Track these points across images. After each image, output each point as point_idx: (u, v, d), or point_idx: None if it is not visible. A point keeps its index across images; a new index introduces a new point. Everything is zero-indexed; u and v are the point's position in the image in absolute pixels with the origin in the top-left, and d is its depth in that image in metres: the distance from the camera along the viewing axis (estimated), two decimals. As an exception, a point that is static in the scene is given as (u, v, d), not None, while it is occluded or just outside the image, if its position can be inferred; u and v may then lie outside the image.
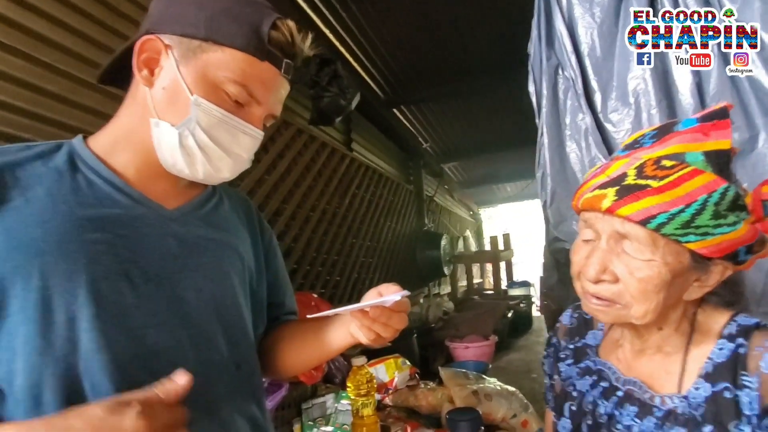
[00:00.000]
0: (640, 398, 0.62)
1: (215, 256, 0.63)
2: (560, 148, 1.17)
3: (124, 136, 0.58)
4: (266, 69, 0.58)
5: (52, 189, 0.52)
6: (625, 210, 0.55)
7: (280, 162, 2.33)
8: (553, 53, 1.22)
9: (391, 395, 1.44)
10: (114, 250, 0.53)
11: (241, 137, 0.59)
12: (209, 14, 0.55)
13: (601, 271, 0.58)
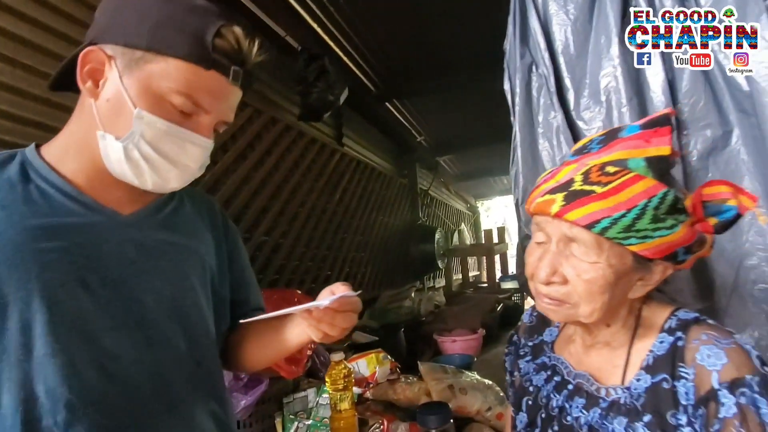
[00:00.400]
0: (587, 390, 0.66)
1: (174, 259, 0.65)
2: (533, 146, 1.18)
3: (74, 145, 0.59)
4: (212, 78, 0.57)
5: (4, 200, 0.53)
6: (572, 215, 0.58)
7: (267, 159, 2.34)
8: (528, 51, 1.21)
9: (372, 389, 1.46)
10: (69, 257, 0.54)
11: (189, 147, 0.59)
12: (152, 23, 0.55)
13: (551, 274, 0.61)
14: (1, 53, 1.15)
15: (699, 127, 1.08)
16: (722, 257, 1.06)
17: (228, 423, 0.70)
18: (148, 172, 0.58)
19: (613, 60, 1.09)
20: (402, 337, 2.14)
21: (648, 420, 0.58)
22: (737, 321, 1.04)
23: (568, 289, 0.61)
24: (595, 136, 0.66)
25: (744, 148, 1.04)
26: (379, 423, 1.27)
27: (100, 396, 0.53)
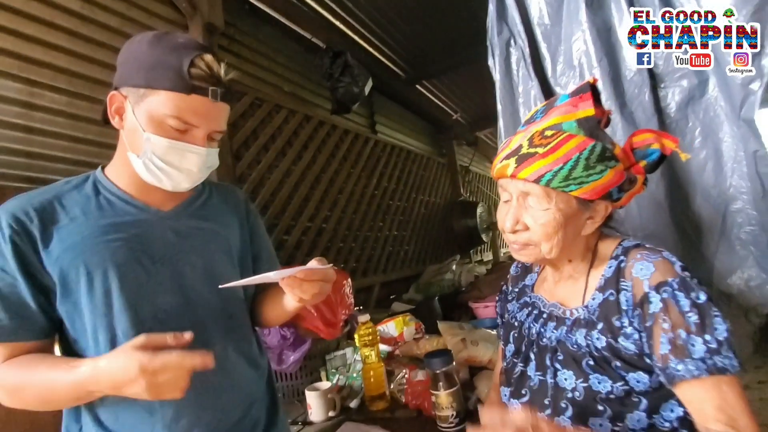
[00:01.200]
0: (557, 315, 0.79)
1: (204, 240, 0.86)
2: (514, 116, 1.27)
3: (121, 165, 0.80)
4: (194, 100, 0.72)
5: (85, 209, 0.76)
6: (523, 173, 0.71)
7: (305, 153, 2.59)
8: (505, 26, 1.30)
9: (400, 347, 1.67)
10: (129, 244, 0.76)
11: (189, 156, 0.75)
12: (146, 67, 0.72)
13: (515, 223, 0.75)
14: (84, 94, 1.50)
15: (674, 79, 1.11)
16: (708, 203, 1.09)
17: (254, 358, 0.91)
18: (164, 178, 0.76)
19: (582, 25, 1.15)
20: (436, 305, 2.30)
21: (600, 327, 0.70)
22: (727, 264, 1.08)
23: (530, 234, 0.74)
24: (540, 107, 0.78)
25: (721, 94, 1.05)
26: (404, 372, 1.47)
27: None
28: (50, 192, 0.76)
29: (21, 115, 1.37)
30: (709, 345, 0.60)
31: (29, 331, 0.71)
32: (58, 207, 0.75)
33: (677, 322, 0.63)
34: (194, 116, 0.73)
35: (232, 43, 2.25)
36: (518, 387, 0.81)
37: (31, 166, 1.37)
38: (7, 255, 0.69)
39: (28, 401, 0.70)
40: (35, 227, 0.71)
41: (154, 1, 1.81)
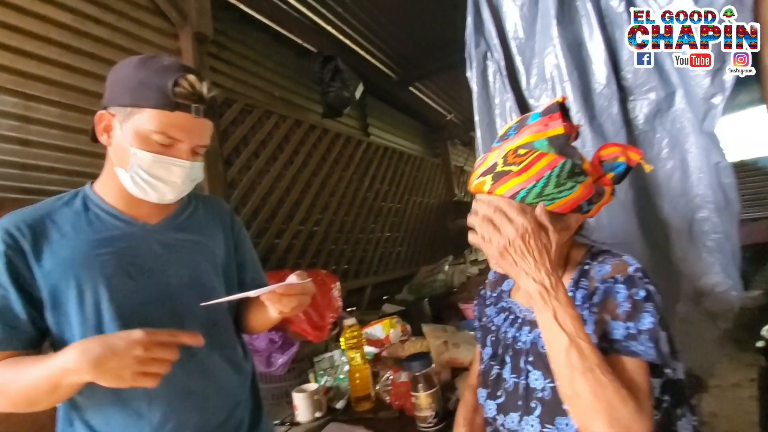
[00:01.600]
0: (530, 319, 0.82)
1: (189, 252, 0.90)
2: (491, 127, 1.31)
3: (109, 180, 0.84)
4: (178, 116, 0.77)
5: (75, 225, 0.80)
6: (499, 191, 0.75)
7: (296, 157, 2.63)
8: (482, 39, 1.34)
9: (387, 349, 1.72)
10: (117, 258, 0.80)
11: (173, 169, 0.79)
12: (132, 87, 0.77)
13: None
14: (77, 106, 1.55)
15: (643, 92, 1.15)
16: (675, 211, 1.13)
17: (238, 362, 0.95)
18: (150, 190, 0.80)
19: (553, 40, 1.19)
20: (426, 307, 2.35)
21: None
22: (694, 271, 1.12)
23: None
24: (512, 123, 0.82)
25: (689, 106, 1.09)
26: (389, 374, 1.52)
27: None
28: (42, 209, 0.80)
29: (17, 128, 1.41)
30: (629, 331, 0.66)
31: (18, 341, 0.74)
32: (50, 223, 0.79)
33: (609, 309, 0.69)
34: (178, 131, 0.78)
35: (222, 51, 2.29)
36: (494, 389, 0.84)
37: (27, 177, 1.42)
38: (1, 269, 0.73)
39: (12, 398, 0.71)
40: (27, 243, 0.75)
41: (145, 11, 1.84)
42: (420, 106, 4.18)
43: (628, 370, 0.65)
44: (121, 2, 1.75)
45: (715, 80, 1.05)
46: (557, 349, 0.65)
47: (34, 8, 1.48)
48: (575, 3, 1.23)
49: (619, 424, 0.60)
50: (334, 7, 2.73)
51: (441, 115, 4.60)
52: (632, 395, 0.62)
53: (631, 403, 0.61)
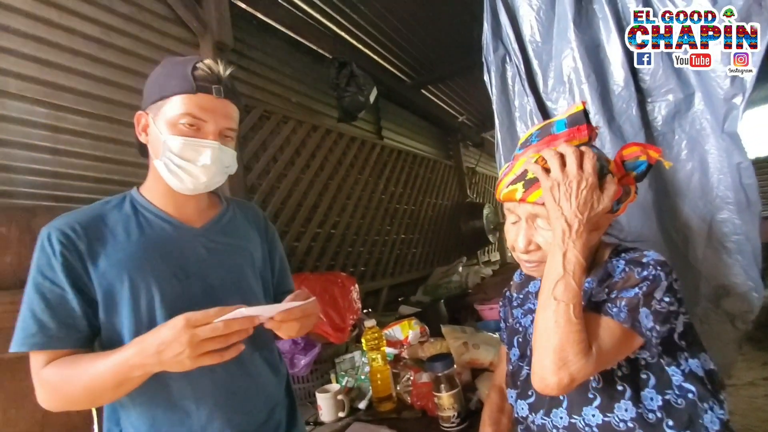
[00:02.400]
0: None
1: (231, 255, 0.93)
2: (511, 129, 1.32)
3: (154, 183, 0.89)
4: (200, 98, 0.81)
5: (126, 227, 0.84)
6: (531, 197, 0.76)
7: (313, 161, 2.67)
8: (500, 44, 1.35)
9: (406, 350, 1.74)
10: (166, 259, 0.84)
11: (202, 150, 0.82)
12: (159, 82, 0.83)
13: (528, 244, 0.80)
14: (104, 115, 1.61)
15: (661, 94, 1.15)
16: (694, 212, 1.13)
17: (276, 364, 0.99)
18: (183, 175, 0.82)
19: (571, 42, 1.20)
20: (442, 308, 2.36)
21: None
22: (713, 272, 1.12)
23: (543, 253, 0.79)
24: (534, 130, 0.83)
25: (707, 108, 1.09)
26: (410, 375, 1.54)
27: None
28: (93, 211, 0.84)
29: (48, 137, 1.47)
30: (610, 296, 0.71)
31: (74, 339, 0.76)
32: (102, 226, 0.82)
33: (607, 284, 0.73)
34: (202, 112, 0.81)
35: (241, 59, 2.34)
36: (525, 389, 0.85)
37: (58, 185, 1.48)
38: (57, 268, 0.75)
39: (73, 394, 0.73)
40: (82, 243, 0.78)
41: (167, 22, 1.90)
42: (433, 108, 4.20)
43: (598, 326, 0.69)
44: (144, 13, 1.81)
45: (735, 81, 1.05)
46: (549, 279, 0.70)
47: (63, 21, 1.55)
48: (593, 6, 1.24)
49: (563, 362, 0.66)
50: (349, 14, 2.77)
51: (453, 117, 4.61)
52: (588, 344, 0.66)
53: (583, 348, 0.66)
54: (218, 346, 0.70)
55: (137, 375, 0.71)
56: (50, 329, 0.74)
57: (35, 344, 0.73)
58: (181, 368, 0.70)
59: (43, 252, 0.77)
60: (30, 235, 1.29)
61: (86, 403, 0.76)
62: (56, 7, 1.53)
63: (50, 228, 0.78)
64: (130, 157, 1.68)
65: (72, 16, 1.57)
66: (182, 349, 0.67)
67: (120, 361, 0.70)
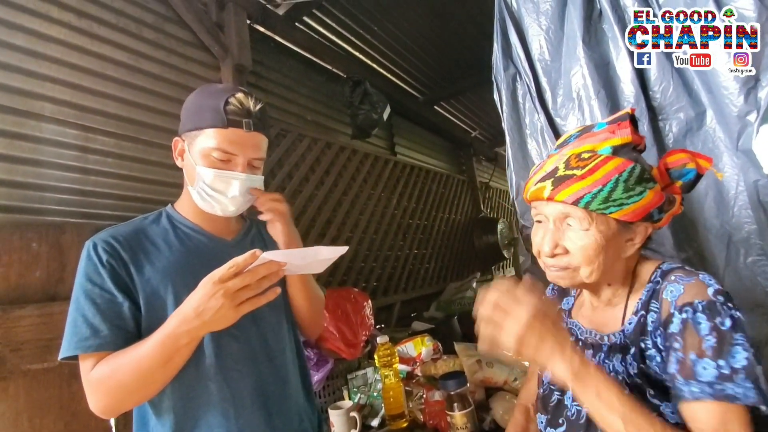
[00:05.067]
0: (593, 342, 0.77)
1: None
2: (522, 146, 1.34)
3: (188, 200, 0.94)
4: (231, 132, 0.85)
5: (166, 239, 0.90)
6: (560, 196, 0.69)
7: (327, 178, 2.72)
8: (511, 63, 1.38)
9: (419, 367, 1.73)
10: (205, 268, 0.85)
11: (231, 182, 0.87)
12: (194, 113, 0.88)
13: (554, 247, 0.73)
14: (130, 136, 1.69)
15: (672, 111, 1.15)
16: (710, 233, 1.11)
17: (305, 369, 1.03)
18: (213, 203, 0.88)
19: (580, 60, 1.21)
20: (456, 325, 2.34)
21: (633, 351, 0.69)
22: (735, 295, 1.07)
23: (570, 258, 0.71)
24: (574, 132, 0.78)
25: (719, 126, 1.09)
26: (422, 392, 1.53)
27: (230, 349, 0.88)
28: (133, 225, 0.90)
29: (77, 158, 1.55)
30: (722, 370, 0.58)
31: (124, 340, 0.79)
32: (143, 238, 0.88)
33: (691, 344, 0.60)
34: (232, 146, 0.85)
35: (259, 80, 2.43)
36: (555, 415, 0.79)
37: (86, 203, 1.55)
38: (105, 275, 0.80)
39: (124, 382, 0.75)
40: (126, 253, 0.83)
41: (191, 47, 2.00)
42: (445, 124, 4.24)
43: (723, 419, 0.57)
44: (170, 39, 1.91)
45: (749, 98, 1.04)
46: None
47: (94, 48, 1.64)
48: (602, 26, 1.26)
49: None
50: (362, 35, 2.85)
51: (466, 132, 4.64)
52: None
53: None
54: (253, 293, 0.74)
55: (184, 343, 0.75)
56: (102, 332, 0.77)
57: (89, 347, 0.76)
58: (226, 322, 0.74)
59: (90, 261, 0.81)
60: (59, 251, 1.35)
61: (138, 389, 0.77)
62: (89, 35, 1.63)
63: (95, 239, 0.84)
64: (152, 175, 1.75)
65: (103, 43, 1.67)
66: (220, 303, 0.71)
67: (164, 334, 0.74)
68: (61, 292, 1.33)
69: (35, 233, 1.32)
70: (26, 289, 1.27)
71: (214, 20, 2.05)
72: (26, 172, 1.42)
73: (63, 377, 1.28)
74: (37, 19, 1.50)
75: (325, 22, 2.66)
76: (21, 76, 1.44)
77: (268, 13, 2.29)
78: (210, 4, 2.07)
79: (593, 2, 1.26)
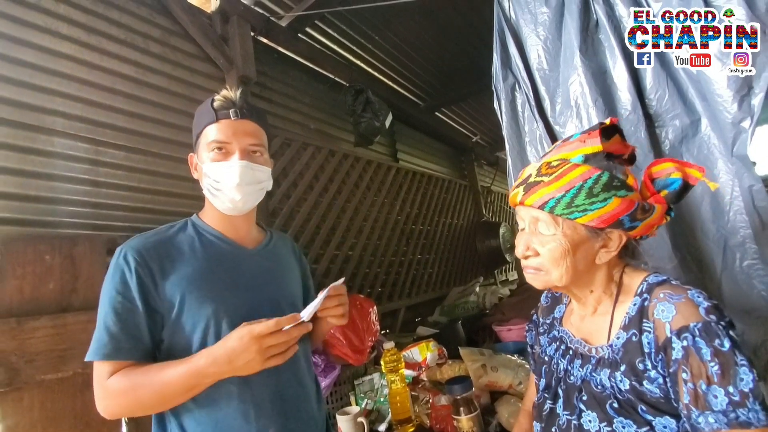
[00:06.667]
0: (582, 353, 0.79)
1: (282, 274, 1.04)
2: (522, 154, 1.37)
3: (209, 208, 1.00)
4: (222, 123, 0.92)
5: (192, 247, 0.94)
6: (529, 200, 0.74)
7: (331, 185, 2.76)
8: (510, 73, 1.41)
9: (425, 371, 1.75)
10: (229, 275, 0.94)
11: (230, 170, 0.91)
12: (195, 124, 0.97)
13: (526, 249, 0.77)
14: (139, 148, 1.73)
15: (668, 119, 1.18)
16: (707, 237, 1.13)
17: (315, 375, 1.07)
18: (222, 196, 0.93)
19: (577, 69, 1.25)
20: (460, 329, 2.36)
21: (624, 369, 0.69)
22: (731, 298, 1.10)
23: (540, 260, 0.75)
24: (558, 143, 0.81)
25: (714, 132, 1.11)
26: (428, 397, 1.55)
27: None
28: (160, 234, 0.94)
29: (88, 171, 1.59)
30: (732, 397, 0.58)
31: (139, 351, 0.83)
32: (170, 246, 0.92)
33: (698, 372, 0.60)
34: (225, 135, 0.92)
35: (263, 90, 2.47)
36: (548, 424, 0.81)
37: (97, 215, 1.58)
38: (131, 284, 0.84)
39: (143, 400, 0.80)
40: (154, 262, 0.87)
41: (196, 59, 2.04)
42: (446, 129, 4.28)
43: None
44: (176, 53, 1.95)
45: (743, 105, 1.07)
46: None
47: (103, 63, 1.69)
48: (598, 36, 1.29)
49: None
50: (364, 44, 2.90)
51: (467, 137, 4.68)
52: None
53: None
54: (281, 350, 0.80)
55: (208, 382, 0.81)
56: (119, 340, 0.81)
57: (105, 354, 0.81)
58: (251, 371, 0.79)
59: (118, 269, 0.85)
60: (71, 263, 1.39)
61: (153, 408, 0.83)
62: (98, 51, 1.68)
63: (126, 247, 0.88)
64: (161, 186, 1.79)
65: (111, 58, 1.71)
66: (252, 357, 0.77)
67: (192, 369, 0.79)
68: (74, 303, 1.36)
69: (48, 246, 1.35)
70: (40, 301, 1.30)
71: (219, 33, 2.10)
72: (39, 185, 1.46)
73: (76, 387, 1.31)
74: (47, 35, 1.54)
75: (327, 32, 2.71)
76: (32, 91, 1.48)
77: (271, 25, 2.34)
78: (215, 18, 2.12)
79: (590, 13, 1.29)
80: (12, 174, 1.40)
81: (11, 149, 1.41)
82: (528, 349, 1.02)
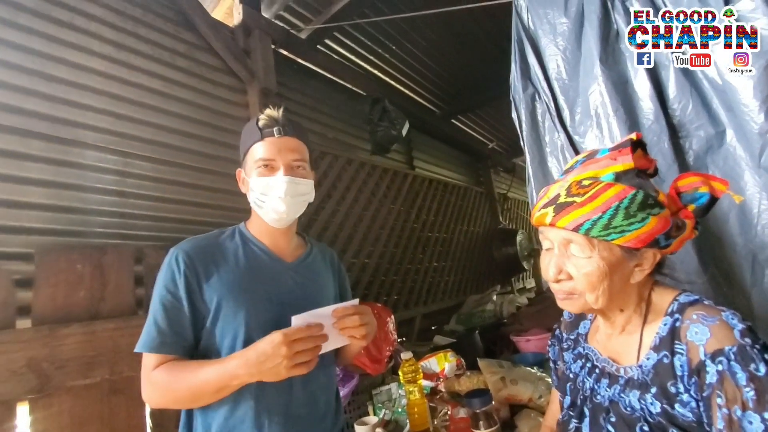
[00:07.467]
0: (610, 372, 0.76)
1: (314, 289, 1.07)
2: (542, 164, 1.36)
3: (255, 219, 1.05)
4: (267, 141, 0.98)
5: (236, 255, 0.99)
6: (561, 222, 0.70)
7: (348, 194, 2.78)
8: (529, 83, 1.41)
9: (443, 382, 1.74)
10: (264, 286, 0.98)
11: (275, 184, 0.97)
12: (242, 142, 1.03)
13: (558, 273, 0.73)
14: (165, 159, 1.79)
15: (692, 129, 1.16)
16: (734, 252, 1.10)
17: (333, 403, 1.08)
18: (268, 209, 0.98)
19: (597, 78, 1.24)
20: (477, 339, 2.34)
21: (654, 391, 0.67)
22: (762, 315, 1.05)
23: (574, 284, 0.72)
24: (579, 157, 0.78)
25: (740, 144, 1.09)
26: (446, 409, 1.55)
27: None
28: (211, 239, 1.00)
29: (117, 182, 1.65)
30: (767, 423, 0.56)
31: (181, 346, 0.90)
32: (218, 251, 0.98)
33: (733, 397, 0.59)
34: (269, 153, 0.98)
35: (283, 101, 2.52)
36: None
37: (124, 225, 1.64)
38: (180, 284, 0.90)
39: (178, 395, 0.86)
40: (201, 264, 0.93)
41: (220, 72, 2.10)
42: (463, 136, 4.27)
43: None
44: (201, 66, 2.01)
45: (770, 116, 1.04)
46: None
47: (132, 78, 1.75)
48: (619, 45, 1.28)
49: None
50: (381, 54, 2.93)
51: (483, 144, 4.66)
52: None
53: None
54: (307, 358, 0.82)
55: (236, 383, 0.84)
56: (165, 335, 0.88)
57: (152, 347, 0.87)
58: (276, 377, 0.81)
59: (170, 269, 0.92)
60: (101, 272, 1.44)
61: (187, 403, 0.90)
62: (126, 66, 1.74)
63: (178, 249, 0.94)
64: (187, 197, 1.84)
65: (140, 72, 1.78)
66: (280, 361, 0.79)
67: (224, 370, 0.83)
68: (102, 310, 1.41)
69: (79, 255, 1.40)
70: (71, 309, 1.35)
71: (242, 47, 2.15)
72: (71, 197, 1.52)
73: (103, 392, 1.35)
74: (79, 52, 1.61)
75: (346, 43, 2.75)
76: (66, 106, 1.55)
77: (291, 38, 2.39)
78: (237, 32, 2.18)
79: (610, 23, 1.28)
80: (46, 186, 1.46)
81: (46, 162, 1.47)
82: (551, 364, 1.01)
